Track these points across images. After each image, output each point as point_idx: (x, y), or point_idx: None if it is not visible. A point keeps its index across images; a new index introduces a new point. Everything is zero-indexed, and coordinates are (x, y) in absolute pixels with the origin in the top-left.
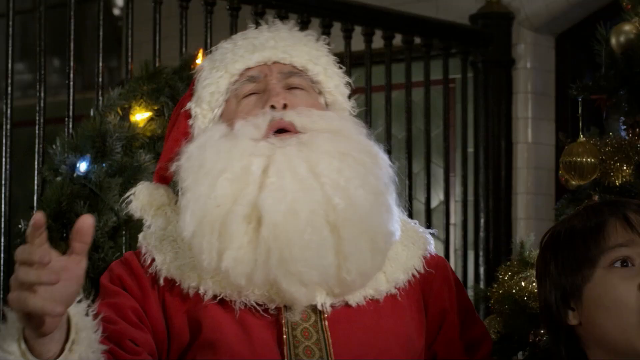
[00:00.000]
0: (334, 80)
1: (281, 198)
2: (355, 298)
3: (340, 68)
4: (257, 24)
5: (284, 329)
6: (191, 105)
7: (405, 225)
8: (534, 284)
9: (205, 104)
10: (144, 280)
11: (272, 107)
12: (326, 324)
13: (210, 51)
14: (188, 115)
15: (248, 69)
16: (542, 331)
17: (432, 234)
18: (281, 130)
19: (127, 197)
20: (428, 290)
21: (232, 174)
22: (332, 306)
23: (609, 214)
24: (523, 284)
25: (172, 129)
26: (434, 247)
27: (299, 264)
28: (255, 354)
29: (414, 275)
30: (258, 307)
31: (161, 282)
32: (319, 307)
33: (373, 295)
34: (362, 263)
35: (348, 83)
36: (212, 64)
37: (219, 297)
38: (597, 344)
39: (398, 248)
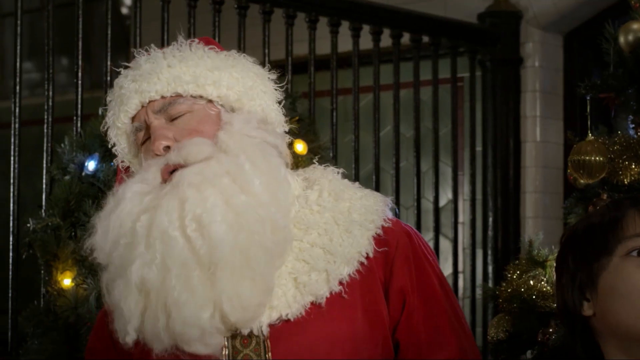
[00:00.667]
0: (211, 82)
1: (150, 261)
2: (293, 310)
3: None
4: (266, 22)
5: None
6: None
7: (352, 206)
8: (542, 282)
9: (121, 157)
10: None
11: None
12: (268, 343)
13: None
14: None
15: (133, 117)
16: (550, 330)
17: (394, 209)
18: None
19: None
20: (388, 270)
21: (129, 237)
22: (271, 325)
23: (629, 206)
24: (531, 282)
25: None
26: (393, 215)
27: (177, 326)
28: None
29: (362, 263)
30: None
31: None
32: (255, 332)
33: (314, 301)
34: (241, 299)
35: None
36: (107, 118)
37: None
38: (611, 334)
39: (340, 237)
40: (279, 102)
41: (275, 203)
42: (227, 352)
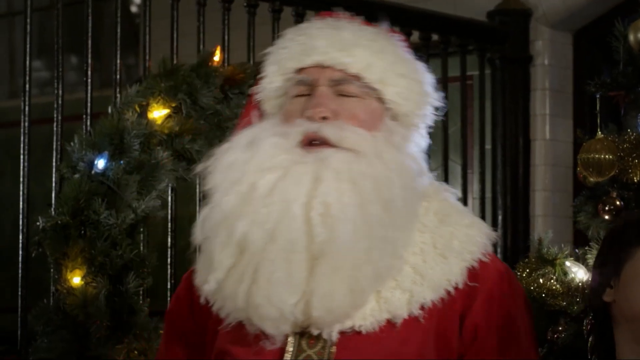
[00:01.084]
0: (395, 86)
1: (261, 224)
2: (367, 324)
3: (415, 68)
4: (276, 20)
5: (285, 355)
6: (256, 91)
7: (454, 232)
8: (552, 280)
9: (265, 94)
10: (194, 301)
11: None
12: (334, 350)
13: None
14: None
15: (301, 69)
16: (560, 328)
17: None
18: (316, 142)
19: None
20: (468, 305)
21: (245, 187)
22: (341, 333)
23: None
24: (541, 281)
25: (242, 114)
26: (492, 250)
27: (259, 297)
28: None
29: (449, 292)
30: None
31: (202, 301)
32: (324, 336)
33: (390, 319)
34: (332, 301)
35: (429, 86)
36: (274, 55)
37: (232, 323)
38: (626, 322)
39: (434, 261)
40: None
41: (401, 232)
42: (292, 348)
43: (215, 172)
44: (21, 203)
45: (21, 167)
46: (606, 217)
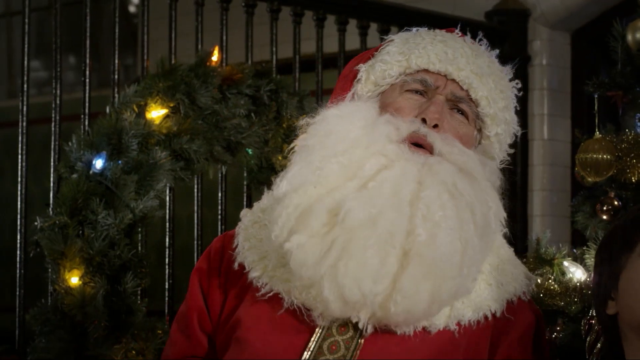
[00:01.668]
0: (499, 127)
1: (367, 206)
2: (402, 325)
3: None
4: (274, 20)
5: (312, 337)
6: (362, 67)
7: (504, 263)
8: (550, 280)
9: (373, 75)
10: (225, 262)
11: (424, 120)
12: (362, 342)
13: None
14: (355, 75)
15: (427, 70)
16: (558, 328)
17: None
18: (419, 145)
19: None
20: (497, 337)
21: (347, 160)
22: (375, 326)
23: None
24: (539, 281)
25: (340, 80)
26: (529, 291)
27: (347, 278)
28: (274, 355)
29: (486, 317)
30: (304, 310)
31: (235, 266)
32: (360, 326)
33: (426, 327)
34: (413, 303)
35: (514, 135)
36: (401, 45)
37: (269, 294)
38: (631, 330)
39: (480, 284)
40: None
41: (483, 256)
42: (320, 332)
43: (317, 133)
44: (19, 203)
45: (19, 167)
46: (604, 217)
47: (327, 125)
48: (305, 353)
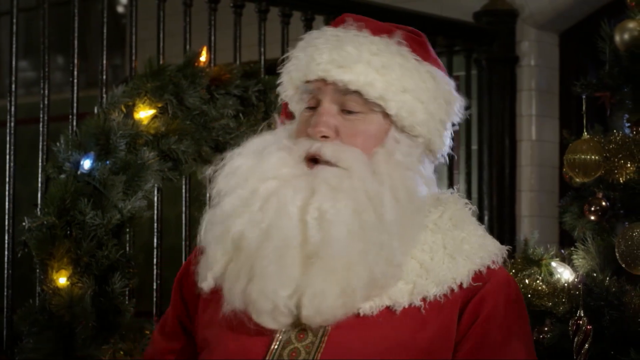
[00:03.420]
0: (398, 101)
1: (257, 224)
2: (366, 307)
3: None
4: (262, 21)
5: (272, 345)
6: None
7: (470, 236)
8: (538, 281)
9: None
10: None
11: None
12: (325, 340)
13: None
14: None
15: (309, 81)
16: (546, 329)
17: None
18: (317, 160)
19: None
20: (468, 306)
21: (245, 192)
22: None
23: None
24: (527, 281)
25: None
26: (500, 261)
27: (253, 293)
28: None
29: (453, 289)
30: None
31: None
32: (281, 329)
33: (390, 306)
34: (322, 302)
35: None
36: (286, 64)
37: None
38: None
39: (441, 260)
40: (454, 125)
41: (398, 241)
42: (279, 339)
43: (221, 176)
44: (7, 203)
45: (7, 167)
46: (592, 217)
47: (228, 166)
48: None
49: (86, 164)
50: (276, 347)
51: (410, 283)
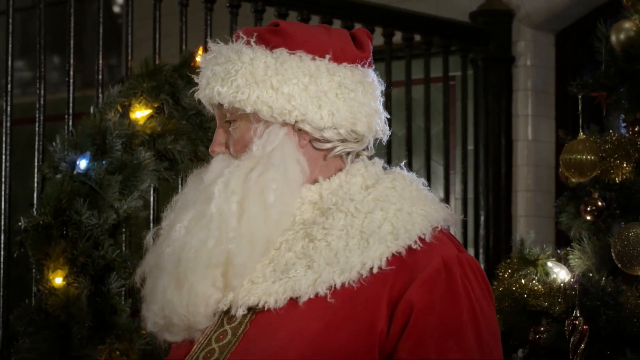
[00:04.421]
0: (249, 98)
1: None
2: (271, 300)
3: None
4: (259, 21)
5: (206, 330)
6: None
7: (388, 219)
8: (534, 281)
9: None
10: None
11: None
12: (248, 326)
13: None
14: None
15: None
16: (541, 329)
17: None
18: None
19: None
20: (403, 288)
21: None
22: (257, 312)
23: None
24: (523, 281)
25: None
26: (429, 237)
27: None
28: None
29: (364, 276)
30: None
31: None
32: (233, 313)
33: (292, 297)
34: (173, 309)
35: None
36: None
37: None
38: None
39: (356, 245)
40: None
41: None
42: (201, 342)
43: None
44: (3, 203)
45: (3, 167)
46: (588, 217)
47: (181, 197)
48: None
49: (82, 163)
50: (196, 349)
51: (317, 273)
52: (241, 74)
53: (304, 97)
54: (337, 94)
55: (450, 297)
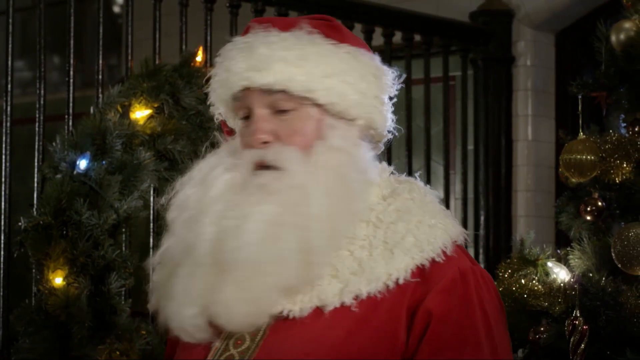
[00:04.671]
0: (323, 89)
1: (182, 240)
2: (296, 309)
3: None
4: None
5: (209, 355)
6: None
7: (411, 231)
8: (534, 281)
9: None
10: None
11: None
12: (260, 344)
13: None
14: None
15: (233, 93)
16: (542, 329)
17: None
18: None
19: None
20: (421, 298)
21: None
22: (275, 320)
23: None
24: (523, 281)
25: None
26: (450, 250)
27: (168, 313)
28: None
29: (388, 287)
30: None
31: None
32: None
33: (319, 306)
34: (231, 311)
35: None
36: (217, 78)
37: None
38: None
39: (380, 255)
40: (391, 98)
41: (328, 236)
42: (217, 347)
43: (173, 207)
44: (3, 203)
45: (3, 167)
46: (588, 217)
47: (177, 197)
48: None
49: (82, 164)
50: (214, 354)
51: (343, 282)
52: (319, 64)
53: (372, 97)
54: (384, 97)
55: (466, 307)
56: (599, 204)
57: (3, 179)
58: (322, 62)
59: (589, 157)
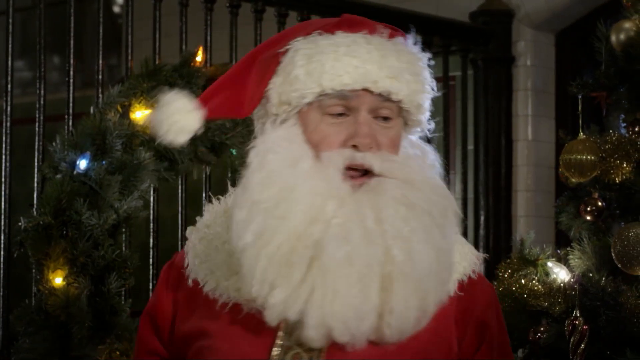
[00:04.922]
0: (415, 101)
1: (341, 244)
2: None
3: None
4: (258, 21)
5: (273, 351)
6: (270, 88)
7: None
8: (534, 281)
9: (284, 96)
10: (177, 280)
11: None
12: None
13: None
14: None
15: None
16: (541, 329)
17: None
18: (355, 168)
19: None
20: (461, 316)
21: (307, 207)
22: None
23: None
24: (523, 281)
25: (249, 73)
26: (478, 269)
27: (334, 320)
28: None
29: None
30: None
31: (190, 282)
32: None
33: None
34: (405, 321)
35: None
36: (306, 64)
37: (229, 305)
38: None
39: None
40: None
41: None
42: (281, 343)
43: (260, 176)
44: (3, 203)
45: (3, 167)
46: (588, 217)
47: (264, 166)
48: (274, 350)
49: (82, 164)
50: (276, 354)
51: None
52: (419, 78)
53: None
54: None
55: (502, 319)
56: (599, 204)
57: (3, 179)
58: (421, 75)
59: (589, 157)
